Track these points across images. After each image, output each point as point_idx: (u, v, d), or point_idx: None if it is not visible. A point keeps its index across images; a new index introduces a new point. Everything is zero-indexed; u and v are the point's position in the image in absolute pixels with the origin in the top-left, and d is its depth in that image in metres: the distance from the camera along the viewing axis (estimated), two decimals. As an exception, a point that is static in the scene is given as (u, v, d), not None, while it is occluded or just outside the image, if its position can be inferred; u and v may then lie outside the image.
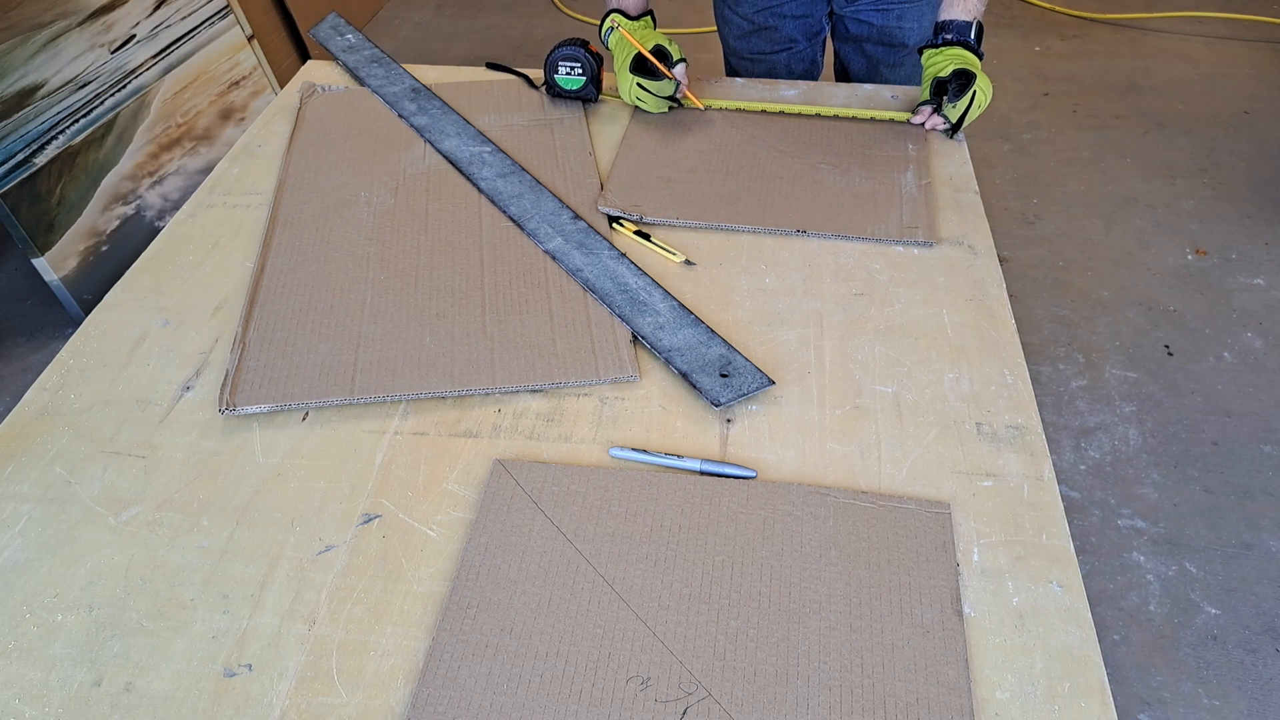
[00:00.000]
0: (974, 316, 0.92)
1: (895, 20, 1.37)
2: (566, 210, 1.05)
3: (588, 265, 0.98)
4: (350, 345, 0.89)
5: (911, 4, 1.36)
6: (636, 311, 0.92)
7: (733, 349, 0.88)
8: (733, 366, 0.86)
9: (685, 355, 0.88)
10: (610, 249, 0.99)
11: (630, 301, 0.93)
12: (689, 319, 0.91)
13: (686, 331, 0.90)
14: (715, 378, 0.85)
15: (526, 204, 1.07)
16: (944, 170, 1.13)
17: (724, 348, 0.88)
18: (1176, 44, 3.01)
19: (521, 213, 1.05)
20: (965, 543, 0.72)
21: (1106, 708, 0.62)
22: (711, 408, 0.83)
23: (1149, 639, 1.42)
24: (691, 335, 0.90)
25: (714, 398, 0.83)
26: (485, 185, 1.10)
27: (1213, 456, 1.70)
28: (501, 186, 1.10)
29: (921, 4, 1.36)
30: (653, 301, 0.93)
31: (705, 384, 0.85)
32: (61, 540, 0.74)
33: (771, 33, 1.44)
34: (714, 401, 0.83)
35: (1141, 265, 2.14)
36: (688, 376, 0.85)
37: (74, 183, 1.99)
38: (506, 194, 1.08)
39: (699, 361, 0.87)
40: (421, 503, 0.76)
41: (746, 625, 0.66)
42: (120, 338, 0.93)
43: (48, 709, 0.63)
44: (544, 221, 1.03)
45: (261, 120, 1.27)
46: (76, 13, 2.01)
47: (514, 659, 0.64)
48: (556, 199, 1.07)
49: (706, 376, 0.85)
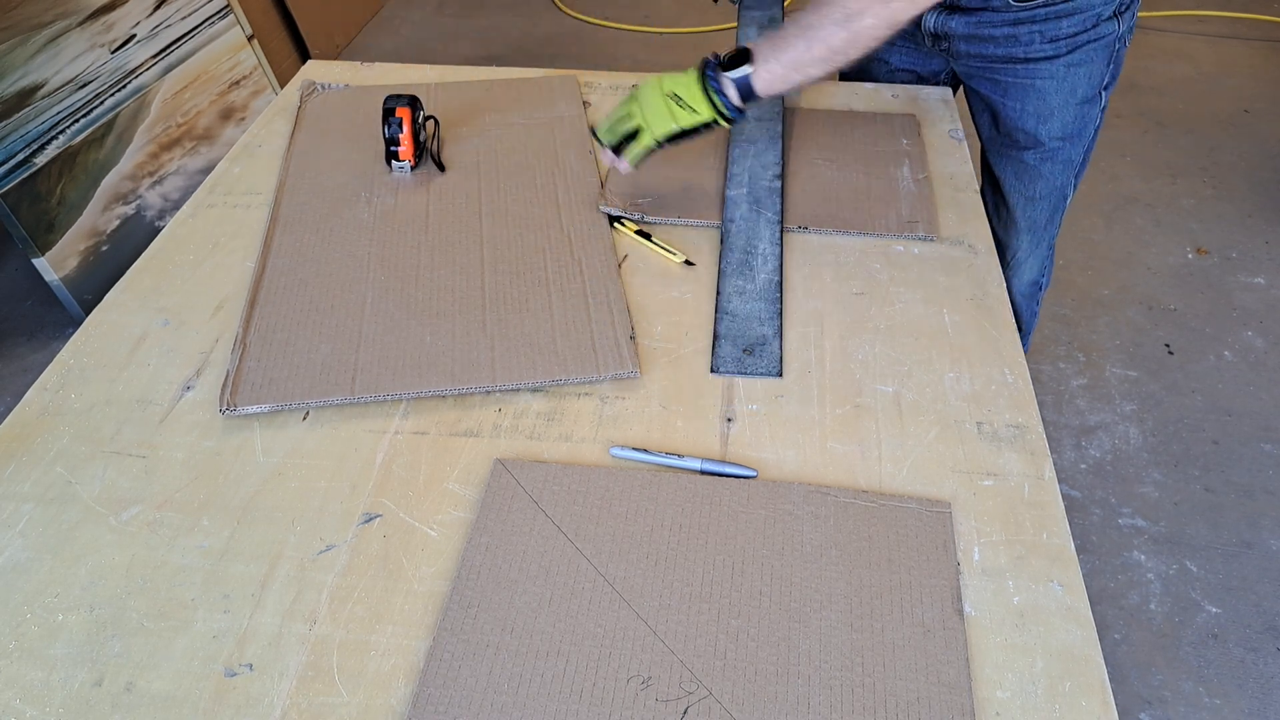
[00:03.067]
0: (974, 316, 0.92)
1: (1000, 95, 1.17)
2: (775, 168, 1.08)
3: (743, 221, 1.01)
4: (351, 345, 0.89)
5: (1027, 84, 1.14)
6: (736, 272, 0.96)
7: (779, 336, 0.89)
8: (762, 349, 0.88)
9: (733, 321, 0.90)
10: (775, 216, 1.02)
11: (741, 262, 0.97)
12: (773, 296, 0.93)
13: (759, 305, 0.92)
14: (736, 351, 0.87)
15: (751, 149, 1.10)
16: (944, 169, 1.13)
17: (773, 331, 0.90)
18: (1177, 43, 3.01)
19: (740, 153, 1.10)
20: (966, 542, 0.72)
21: (1107, 707, 0.62)
22: (712, 408, 0.83)
23: (1150, 638, 1.42)
24: (759, 309, 0.92)
25: (716, 365, 0.87)
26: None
27: (1213, 455, 1.70)
28: (749, 129, 1.13)
29: (1031, 88, 1.15)
30: (759, 270, 0.96)
31: (721, 351, 0.88)
32: (62, 540, 0.74)
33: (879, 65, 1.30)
34: (713, 368, 0.86)
35: (1142, 264, 2.14)
36: (717, 340, 0.89)
37: (74, 183, 1.99)
38: (743, 133, 1.13)
39: (738, 331, 0.89)
40: (422, 502, 0.76)
41: (747, 624, 0.66)
42: (121, 338, 0.93)
43: (48, 709, 0.64)
44: (748, 170, 1.06)
45: (262, 120, 1.27)
46: (77, 13, 2.01)
47: (515, 658, 0.64)
48: (782, 156, 1.10)
49: (729, 345, 0.88)
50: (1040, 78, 1.13)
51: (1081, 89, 1.14)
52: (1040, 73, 1.12)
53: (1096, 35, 1.09)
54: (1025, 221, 1.27)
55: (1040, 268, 1.39)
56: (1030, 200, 1.25)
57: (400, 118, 1.10)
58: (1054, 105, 1.15)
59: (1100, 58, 1.12)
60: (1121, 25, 1.10)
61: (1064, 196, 1.26)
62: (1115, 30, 1.10)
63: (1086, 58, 1.11)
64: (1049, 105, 1.15)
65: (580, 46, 3.15)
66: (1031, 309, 1.47)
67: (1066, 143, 1.19)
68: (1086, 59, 1.11)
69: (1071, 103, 1.15)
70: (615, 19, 3.28)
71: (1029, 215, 1.27)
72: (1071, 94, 1.14)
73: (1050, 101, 1.14)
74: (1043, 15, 1.07)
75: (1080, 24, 1.08)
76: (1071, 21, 1.07)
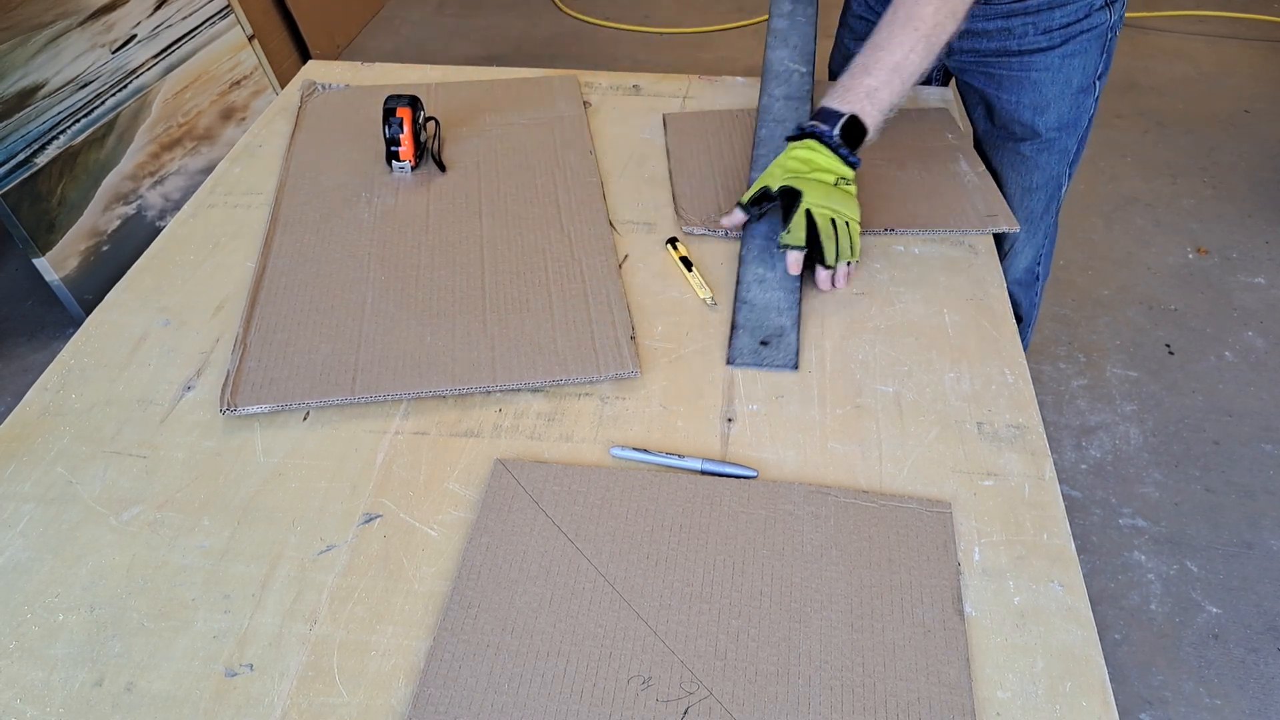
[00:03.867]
0: (975, 316, 0.92)
1: (995, 88, 1.17)
2: None
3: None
4: (351, 345, 0.89)
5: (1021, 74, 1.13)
6: (758, 260, 0.96)
7: (796, 328, 0.89)
8: (779, 340, 0.87)
9: (752, 311, 0.90)
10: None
11: (762, 250, 0.97)
12: (791, 285, 0.93)
13: (777, 294, 0.92)
14: (754, 342, 0.87)
15: (779, 130, 1.09)
16: (945, 169, 1.13)
17: (790, 322, 0.90)
18: (1177, 43, 3.01)
19: (768, 135, 1.08)
20: (966, 542, 0.72)
21: (1108, 707, 0.62)
22: (713, 408, 0.83)
23: (1150, 638, 1.42)
24: (777, 298, 0.91)
25: (732, 356, 0.86)
26: (765, 100, 1.14)
27: (1214, 455, 1.69)
28: (778, 108, 1.12)
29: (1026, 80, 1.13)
30: (779, 259, 0.96)
31: (739, 342, 0.88)
32: (63, 540, 0.74)
33: None
34: (729, 359, 0.86)
35: (1142, 264, 2.14)
36: (734, 330, 0.89)
37: (75, 183, 1.99)
38: (774, 114, 1.11)
39: (756, 322, 0.89)
40: (422, 502, 0.76)
41: (748, 625, 0.66)
42: (121, 338, 0.93)
43: (49, 709, 0.64)
44: (773, 154, 1.04)
45: (262, 120, 1.27)
46: (77, 13, 2.01)
47: (515, 658, 0.64)
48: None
49: (747, 336, 0.88)
50: (1035, 69, 1.13)
51: (1076, 79, 1.14)
52: (1035, 64, 1.13)
53: (1089, 25, 1.10)
54: (1023, 212, 1.27)
55: (1036, 255, 1.40)
56: (1028, 191, 1.26)
57: (401, 118, 1.10)
58: (1050, 96, 1.15)
59: (1094, 48, 1.12)
60: (1113, 14, 1.11)
61: (1059, 186, 1.27)
62: (1107, 20, 1.11)
63: (1080, 48, 1.11)
64: (1045, 97, 1.15)
65: (580, 46, 3.15)
66: (1031, 299, 1.48)
67: (1063, 133, 1.19)
68: (1080, 49, 1.11)
69: (1067, 93, 1.15)
70: (615, 19, 3.28)
71: (1026, 206, 1.28)
72: (1067, 84, 1.14)
73: (1046, 93, 1.15)
74: (1035, 7, 1.08)
75: (1073, 14, 1.08)
76: (1064, 12, 1.08)
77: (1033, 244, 1.36)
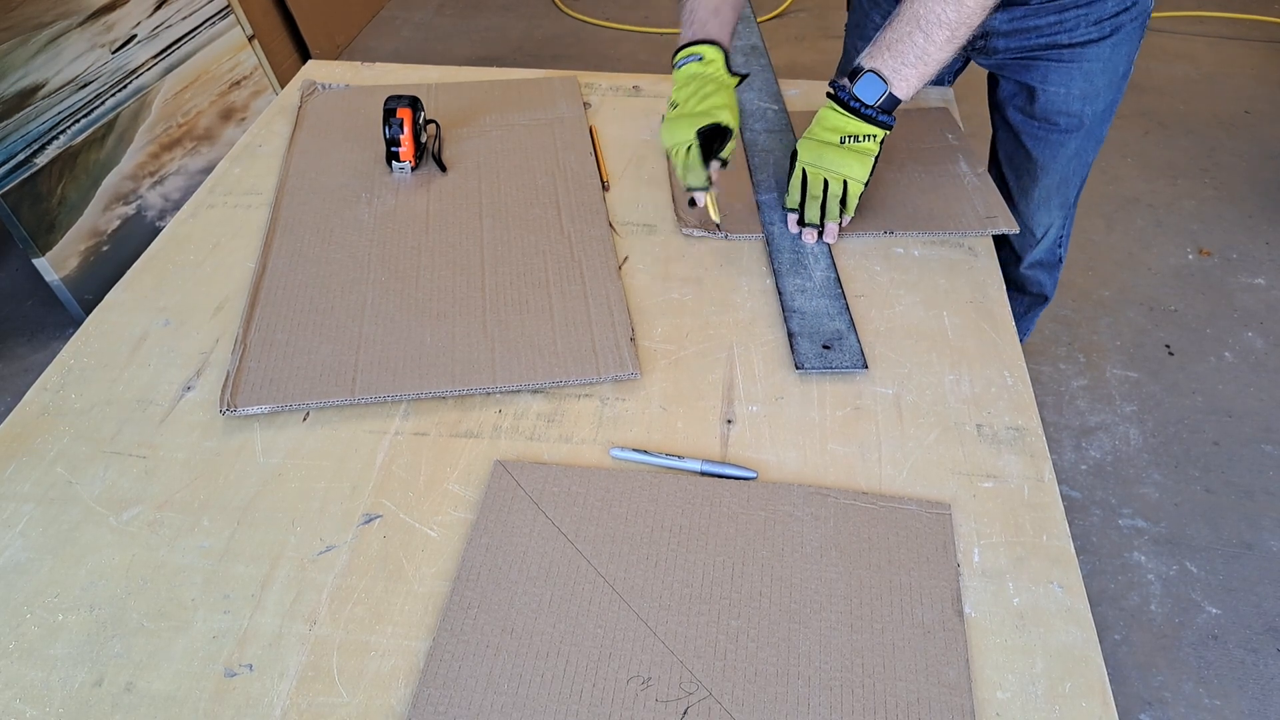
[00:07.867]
0: (974, 318, 0.92)
1: (1040, 81, 1.16)
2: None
3: (780, 221, 1.03)
4: (351, 346, 0.89)
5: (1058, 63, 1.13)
6: (792, 271, 0.97)
7: (853, 328, 0.90)
8: (840, 343, 0.88)
9: (805, 319, 0.91)
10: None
11: (794, 261, 0.98)
12: (834, 292, 0.94)
13: (822, 301, 0.93)
14: (816, 347, 0.88)
15: (772, 158, 1.13)
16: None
17: (845, 325, 0.90)
18: (1177, 44, 3.01)
19: (761, 162, 1.13)
20: (966, 543, 0.72)
21: (1107, 707, 0.62)
22: (713, 409, 0.84)
23: (1150, 639, 1.42)
24: (824, 305, 0.92)
25: (800, 361, 0.86)
26: (749, 135, 1.18)
27: (1214, 456, 1.69)
28: (762, 141, 1.17)
29: (1077, 70, 1.13)
30: (813, 268, 0.97)
31: (803, 348, 0.88)
32: (62, 540, 0.74)
33: None
34: (798, 364, 0.86)
35: (1142, 265, 2.14)
36: (792, 337, 0.89)
37: (75, 183, 1.99)
38: (761, 146, 1.16)
39: (812, 328, 0.90)
40: (422, 503, 0.76)
41: (747, 625, 0.66)
42: (121, 338, 0.93)
43: (48, 709, 0.64)
44: (773, 174, 1.10)
45: (262, 120, 1.27)
46: (77, 13, 2.01)
47: (515, 659, 0.64)
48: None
49: (808, 342, 0.88)
50: (1086, 60, 1.13)
51: (1122, 65, 1.16)
52: (1086, 55, 1.13)
53: (1136, 14, 1.11)
54: (1058, 198, 1.30)
55: (1060, 232, 1.43)
56: (1065, 179, 1.28)
57: (401, 118, 1.10)
58: (1100, 85, 1.16)
59: (1136, 34, 1.14)
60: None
61: (1088, 164, 1.30)
62: (1148, 4, 1.12)
63: (1127, 35, 1.13)
64: (1095, 86, 1.16)
65: (580, 47, 3.15)
66: (1054, 279, 1.52)
67: (1104, 117, 1.21)
68: (1127, 37, 1.13)
69: (1114, 80, 1.17)
70: (615, 19, 3.28)
71: (1062, 192, 1.30)
72: (1114, 71, 1.16)
73: (1097, 82, 1.16)
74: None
75: (1121, 3, 1.09)
76: (1115, 1, 1.09)
77: (1062, 221, 1.39)
